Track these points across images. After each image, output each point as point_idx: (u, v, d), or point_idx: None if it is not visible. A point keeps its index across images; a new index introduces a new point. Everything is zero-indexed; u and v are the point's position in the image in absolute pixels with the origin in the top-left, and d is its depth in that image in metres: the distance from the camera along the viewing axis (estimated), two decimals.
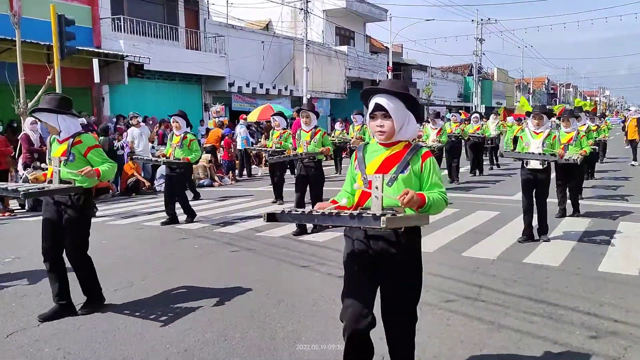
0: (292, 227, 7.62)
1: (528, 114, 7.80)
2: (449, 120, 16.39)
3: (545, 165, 6.79)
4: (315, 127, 7.98)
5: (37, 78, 13.39)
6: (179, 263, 6.29)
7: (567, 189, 8.56)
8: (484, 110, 43.89)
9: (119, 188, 12.88)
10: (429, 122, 12.47)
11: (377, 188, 2.74)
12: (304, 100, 26.13)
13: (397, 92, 2.87)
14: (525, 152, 6.91)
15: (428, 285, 5.17)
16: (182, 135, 8.68)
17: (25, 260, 6.51)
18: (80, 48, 15.01)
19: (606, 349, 3.76)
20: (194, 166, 12.52)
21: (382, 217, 2.42)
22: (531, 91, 65.18)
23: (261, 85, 24.86)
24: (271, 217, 2.81)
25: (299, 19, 28.10)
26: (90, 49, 16.89)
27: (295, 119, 16.05)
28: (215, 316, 4.49)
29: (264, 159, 16.49)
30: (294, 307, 4.68)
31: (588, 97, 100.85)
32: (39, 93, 13.05)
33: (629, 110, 22.86)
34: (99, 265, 6.11)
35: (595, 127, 13.54)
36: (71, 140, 4.53)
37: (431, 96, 40.35)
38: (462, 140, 14.62)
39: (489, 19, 45.01)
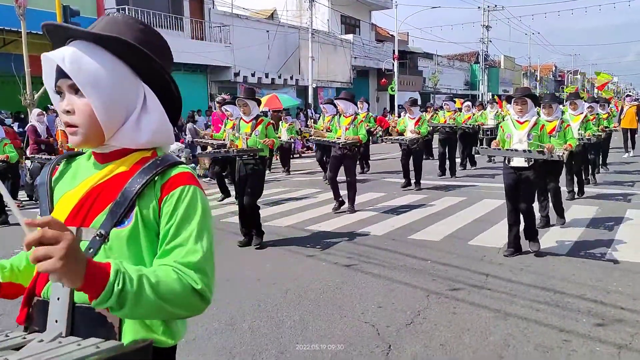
0: (295, 219, 7.63)
1: (509, 99, 6.49)
2: (441, 108, 15.43)
3: (532, 162, 5.63)
4: (257, 116, 6.76)
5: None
6: None
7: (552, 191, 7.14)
8: (490, 98, 43.78)
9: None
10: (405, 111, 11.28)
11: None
12: (310, 90, 26.09)
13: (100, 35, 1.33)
14: (507, 149, 5.71)
15: (435, 274, 5.20)
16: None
17: None
18: None
19: (613, 336, 3.76)
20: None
21: None
22: (538, 79, 64.71)
23: (267, 75, 24.80)
24: None
25: (304, 8, 27.95)
26: None
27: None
28: (222, 306, 4.52)
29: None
30: (300, 296, 4.71)
31: (596, 84, 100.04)
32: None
33: (629, 96, 19.52)
34: None
35: (606, 114, 12.24)
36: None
37: (437, 84, 40.16)
38: (457, 132, 13.21)
39: (495, 5, 44.59)
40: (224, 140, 8.21)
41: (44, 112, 12.97)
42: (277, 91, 23.47)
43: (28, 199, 10.83)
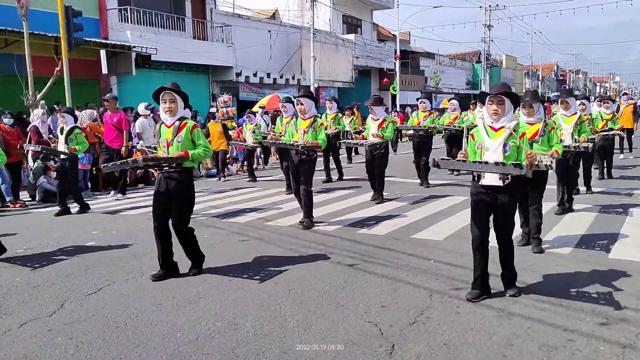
0: (298, 218, 7.60)
1: (482, 97, 4.74)
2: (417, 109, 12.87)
3: (509, 181, 4.34)
4: (182, 118, 5.55)
5: (45, 70, 13.45)
6: None
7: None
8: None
9: (128, 179, 12.93)
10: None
11: None
12: (312, 90, 26.09)
13: None
14: (474, 161, 4.40)
15: (438, 273, 5.19)
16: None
17: (37, 251, 6.57)
18: (87, 39, 15.05)
19: (617, 336, 3.75)
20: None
21: None
22: (540, 78, 64.63)
23: (268, 75, 24.81)
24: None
25: (306, 8, 27.97)
26: (97, 40, 16.93)
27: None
28: (225, 305, 4.52)
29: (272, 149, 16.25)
30: (303, 295, 4.70)
31: (598, 83, 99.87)
32: (48, 85, 13.12)
33: (626, 94, 18.59)
34: (110, 255, 6.20)
35: (610, 115, 11.23)
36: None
37: (439, 84, 40.13)
38: (433, 135, 11.28)
39: (497, 5, 44.62)
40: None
41: (51, 111, 13.05)
42: (279, 91, 23.48)
43: (30, 199, 10.84)
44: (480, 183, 4.45)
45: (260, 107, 17.97)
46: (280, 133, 9.66)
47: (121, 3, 18.93)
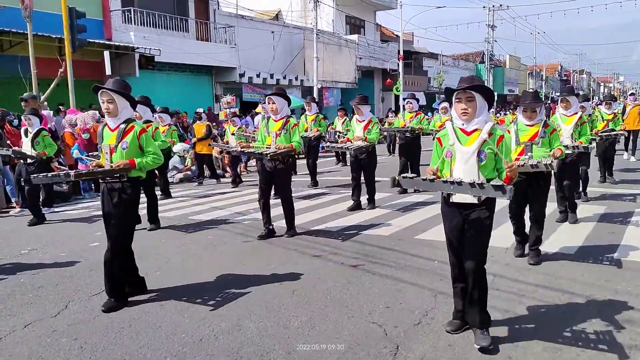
0: (302, 219, 7.62)
1: (448, 93, 3.79)
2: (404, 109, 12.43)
3: (483, 199, 3.57)
4: (128, 120, 4.86)
5: (49, 71, 13.50)
6: (193, 254, 6.32)
7: (532, 212, 5.61)
8: (496, 98, 43.61)
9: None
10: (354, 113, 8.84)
11: None
12: (315, 90, 26.09)
13: None
14: (444, 180, 3.50)
15: (442, 274, 5.17)
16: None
17: (40, 252, 6.58)
18: (91, 40, 15.08)
19: (622, 337, 3.73)
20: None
21: None
22: (544, 78, 64.51)
23: (272, 76, 24.83)
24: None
25: (309, 8, 27.99)
26: (101, 41, 16.97)
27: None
28: (229, 306, 4.51)
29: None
30: (307, 296, 4.70)
31: (602, 83, 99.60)
32: (51, 86, 13.17)
33: (633, 94, 17.38)
34: None
35: (612, 115, 10.88)
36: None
37: (443, 84, 40.07)
38: (419, 136, 10.78)
39: (500, 5, 44.58)
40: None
41: (56, 112, 13.08)
42: None
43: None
44: (451, 200, 3.71)
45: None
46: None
47: (124, 4, 18.98)
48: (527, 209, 5.72)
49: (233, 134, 11.59)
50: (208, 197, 10.70)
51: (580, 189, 8.64)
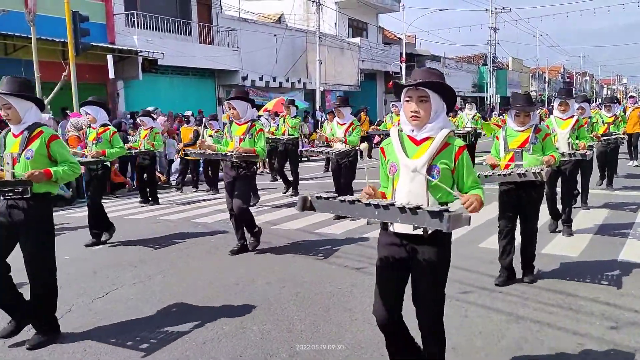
0: (304, 222, 7.62)
1: (397, 89, 2.92)
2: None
3: (430, 231, 2.74)
4: (33, 126, 4.10)
5: (52, 75, 13.51)
6: (196, 257, 6.32)
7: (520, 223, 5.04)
8: (498, 100, 43.61)
9: (134, 183, 12.97)
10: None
11: None
12: (317, 93, 26.12)
13: None
14: (367, 203, 2.64)
15: None
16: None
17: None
18: (94, 44, 15.11)
19: (627, 339, 3.72)
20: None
21: None
22: (547, 80, 64.42)
23: (274, 79, 24.85)
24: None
25: (311, 11, 28.00)
26: (104, 45, 16.99)
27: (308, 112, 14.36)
28: (232, 309, 4.51)
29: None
30: (310, 299, 4.69)
31: (605, 86, 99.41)
32: (55, 89, 13.19)
33: (632, 97, 16.49)
34: (118, 259, 6.20)
35: (612, 117, 10.40)
36: None
37: None
38: None
39: (503, 7, 44.51)
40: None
41: (63, 115, 13.11)
42: (285, 95, 23.51)
43: None
44: (391, 230, 2.84)
45: (266, 110, 17.99)
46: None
47: (128, 8, 19.03)
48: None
49: (211, 136, 11.13)
50: (209, 201, 10.70)
51: (579, 198, 8.28)
